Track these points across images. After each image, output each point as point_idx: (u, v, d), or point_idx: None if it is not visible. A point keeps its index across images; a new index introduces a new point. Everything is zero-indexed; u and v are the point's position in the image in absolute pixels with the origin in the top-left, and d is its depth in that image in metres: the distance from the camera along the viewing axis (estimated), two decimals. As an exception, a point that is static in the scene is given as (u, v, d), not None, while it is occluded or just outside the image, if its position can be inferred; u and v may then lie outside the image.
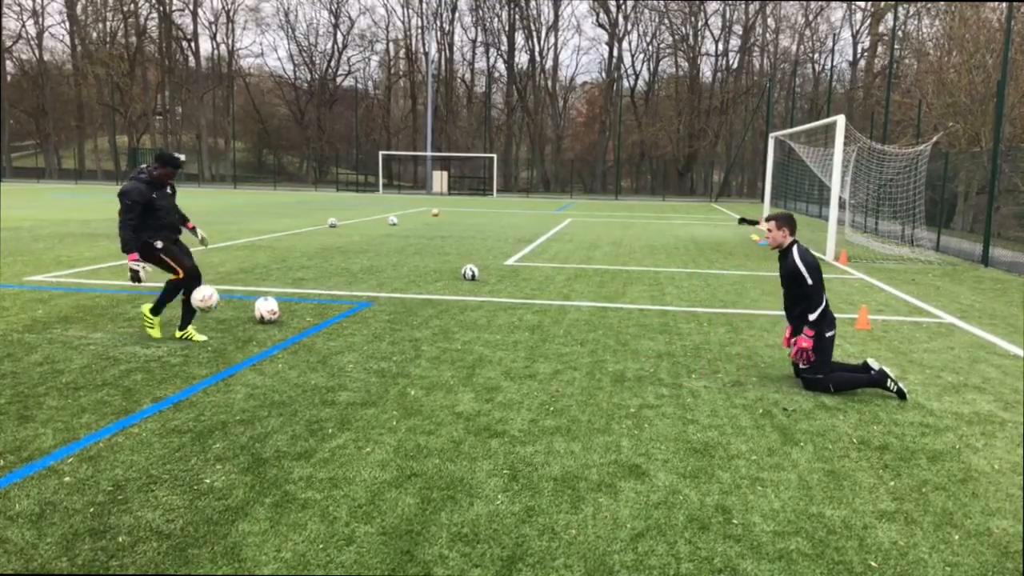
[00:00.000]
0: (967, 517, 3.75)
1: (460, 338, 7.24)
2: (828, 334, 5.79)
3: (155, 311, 7.01)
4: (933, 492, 4.03)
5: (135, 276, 6.61)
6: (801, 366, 5.80)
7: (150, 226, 6.68)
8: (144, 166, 6.84)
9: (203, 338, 6.91)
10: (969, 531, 3.61)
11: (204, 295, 7.07)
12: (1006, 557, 3.38)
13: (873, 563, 3.29)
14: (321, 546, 3.31)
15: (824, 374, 5.71)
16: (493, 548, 3.32)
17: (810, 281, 5.71)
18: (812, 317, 5.71)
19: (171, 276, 6.92)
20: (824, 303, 5.78)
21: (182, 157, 7.12)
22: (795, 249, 5.86)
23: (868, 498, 3.93)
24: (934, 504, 3.88)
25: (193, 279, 6.94)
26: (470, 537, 3.41)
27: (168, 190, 6.89)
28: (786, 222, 5.94)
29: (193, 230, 7.24)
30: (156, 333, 6.94)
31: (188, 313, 6.97)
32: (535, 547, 3.34)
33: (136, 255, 6.60)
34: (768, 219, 6.00)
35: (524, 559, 3.24)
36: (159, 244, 6.74)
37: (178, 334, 6.94)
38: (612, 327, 7.93)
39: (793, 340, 5.92)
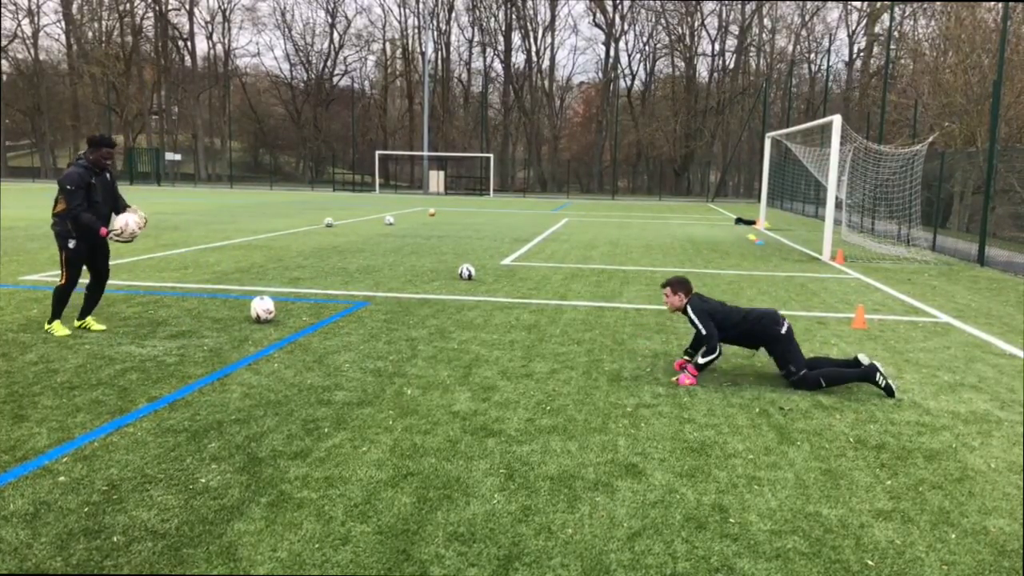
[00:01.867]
0: (964, 516, 3.75)
1: (457, 337, 7.23)
2: (782, 332, 5.87)
3: (82, 316, 7.07)
4: (930, 491, 4.03)
5: (122, 238, 6.75)
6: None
7: None
8: (82, 152, 6.80)
9: (102, 327, 6.99)
10: (966, 530, 3.61)
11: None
12: (1003, 556, 3.38)
13: (870, 562, 3.29)
14: (317, 545, 3.30)
15: (803, 368, 5.72)
16: (489, 547, 3.31)
17: (703, 330, 5.83)
18: (702, 361, 5.83)
19: (59, 281, 6.92)
20: (747, 323, 5.93)
21: (114, 138, 7.12)
22: (689, 307, 5.99)
23: (865, 497, 3.93)
24: (931, 503, 3.88)
25: (71, 286, 6.89)
26: (466, 536, 3.40)
27: (107, 176, 6.86)
28: (679, 285, 6.08)
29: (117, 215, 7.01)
30: (63, 331, 6.89)
31: (90, 304, 7.07)
32: (532, 546, 3.33)
33: (105, 229, 6.70)
34: (663, 286, 6.17)
35: (521, 558, 3.23)
36: (71, 245, 6.74)
37: (77, 323, 7.03)
38: (609, 326, 7.93)
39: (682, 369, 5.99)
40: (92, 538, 3.30)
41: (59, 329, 6.91)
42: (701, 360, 5.84)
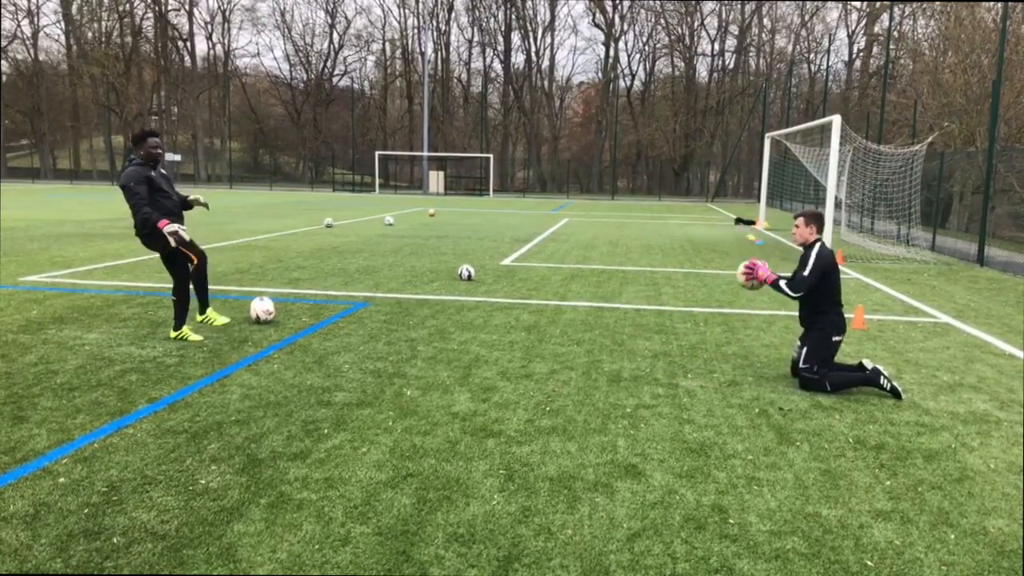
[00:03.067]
0: (963, 516, 3.75)
1: (456, 338, 7.24)
2: (835, 339, 5.83)
3: (178, 326, 6.91)
4: (929, 491, 4.03)
5: (178, 238, 6.62)
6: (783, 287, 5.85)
7: (155, 209, 6.66)
8: (131, 156, 6.82)
9: (199, 338, 6.89)
10: (965, 530, 3.61)
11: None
12: (1002, 556, 3.39)
13: (869, 562, 3.30)
14: (317, 547, 3.30)
15: (822, 374, 5.72)
16: (489, 548, 3.32)
17: (808, 275, 5.76)
18: (783, 284, 5.84)
19: (175, 284, 6.88)
20: (833, 309, 5.88)
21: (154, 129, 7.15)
22: (818, 244, 5.91)
23: (864, 497, 3.93)
24: (930, 503, 3.89)
25: (203, 261, 7.07)
26: (466, 537, 3.41)
27: (163, 171, 6.87)
28: (813, 219, 6.00)
29: (190, 204, 7.17)
30: (224, 319, 7.20)
31: (182, 313, 6.96)
32: (531, 547, 3.34)
33: (166, 220, 6.57)
34: (796, 216, 6.08)
35: (520, 559, 3.24)
36: (169, 230, 6.59)
37: (173, 335, 6.92)
38: (608, 327, 7.93)
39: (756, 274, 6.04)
40: (92, 539, 3.31)
41: (217, 319, 7.20)
42: (783, 283, 5.83)
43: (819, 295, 5.88)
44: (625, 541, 3.42)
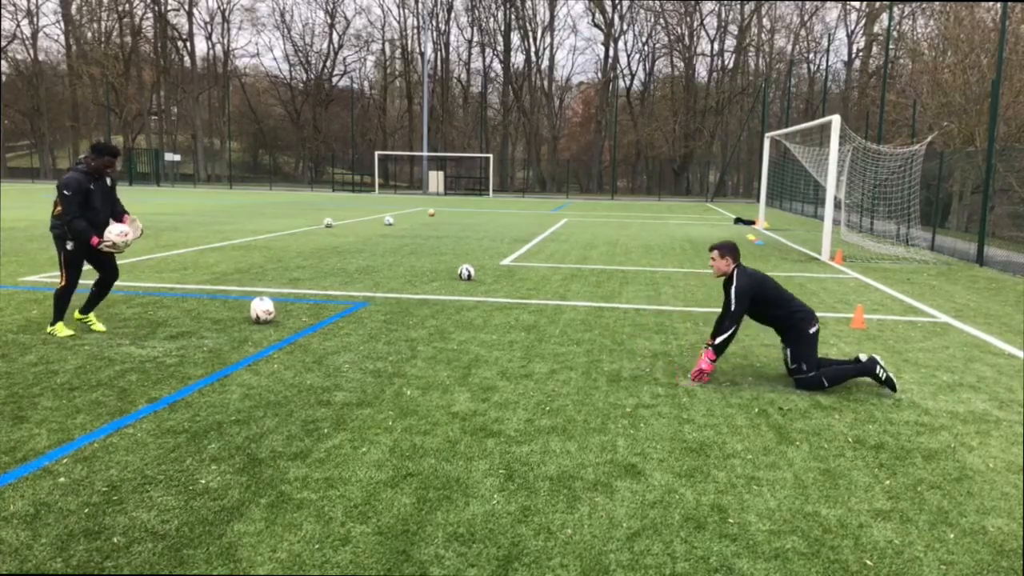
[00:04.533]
0: (962, 516, 3.76)
1: (456, 338, 7.24)
2: (811, 331, 5.85)
3: (86, 311, 7.15)
4: (928, 491, 4.04)
5: (114, 249, 6.73)
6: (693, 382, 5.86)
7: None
8: (82, 156, 6.82)
9: (102, 328, 7.09)
10: (964, 530, 3.61)
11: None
12: (1001, 556, 3.39)
13: (869, 562, 3.30)
14: (317, 546, 3.30)
15: (814, 370, 5.73)
16: (489, 548, 3.32)
17: (733, 307, 5.81)
18: (716, 340, 5.83)
19: (59, 283, 6.90)
20: (790, 308, 5.92)
21: (118, 148, 7.17)
22: (735, 274, 5.94)
23: (863, 497, 3.94)
24: (929, 503, 3.89)
25: (71, 288, 6.90)
26: (466, 537, 3.41)
27: (108, 183, 6.90)
28: (728, 251, 6.00)
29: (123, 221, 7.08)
30: (66, 332, 6.91)
31: (94, 300, 7.16)
32: (531, 547, 3.34)
33: (97, 238, 6.66)
34: (711, 248, 6.09)
35: (520, 559, 3.24)
36: (69, 247, 6.74)
37: (77, 316, 7.15)
38: (608, 327, 7.93)
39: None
40: (92, 539, 3.31)
41: (62, 330, 6.92)
42: (717, 340, 5.81)
43: (770, 309, 5.95)
44: (625, 540, 3.42)
